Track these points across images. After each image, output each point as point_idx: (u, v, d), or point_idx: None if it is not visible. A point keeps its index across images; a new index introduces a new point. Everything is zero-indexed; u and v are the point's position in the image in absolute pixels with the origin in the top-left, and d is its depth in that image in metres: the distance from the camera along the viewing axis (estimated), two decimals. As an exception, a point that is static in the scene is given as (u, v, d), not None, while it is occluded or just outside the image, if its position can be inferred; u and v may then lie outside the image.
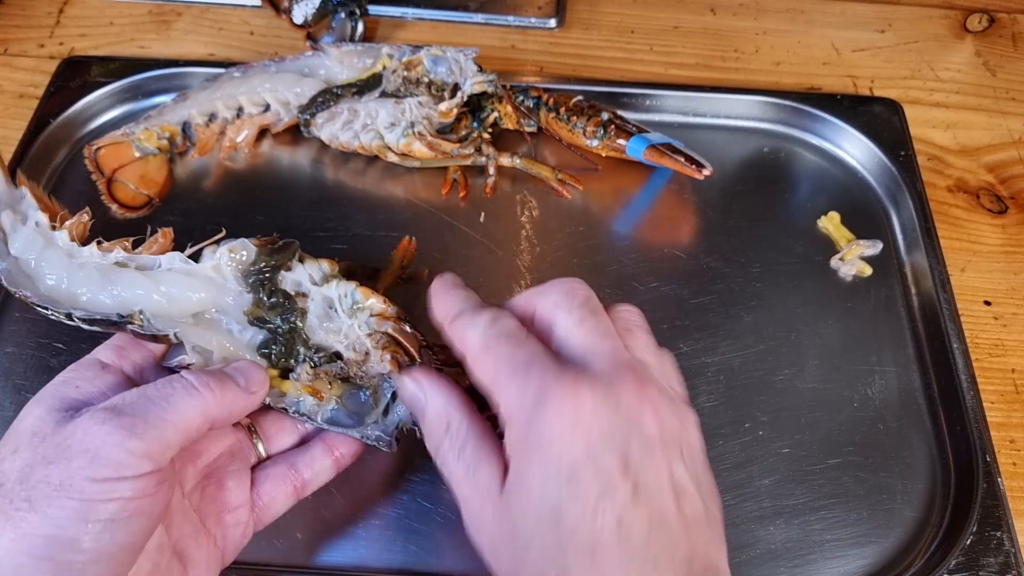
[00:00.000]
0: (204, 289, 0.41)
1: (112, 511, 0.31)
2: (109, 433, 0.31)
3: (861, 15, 0.76)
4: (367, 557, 0.45)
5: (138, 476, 0.31)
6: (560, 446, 0.31)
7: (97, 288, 0.41)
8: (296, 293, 0.42)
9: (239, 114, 0.62)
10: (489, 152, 0.61)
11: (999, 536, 0.46)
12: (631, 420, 0.32)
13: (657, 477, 0.32)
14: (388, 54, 0.61)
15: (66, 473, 0.31)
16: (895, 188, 0.62)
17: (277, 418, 0.42)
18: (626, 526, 0.31)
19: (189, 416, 0.34)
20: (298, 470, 0.40)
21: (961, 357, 0.52)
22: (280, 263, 0.42)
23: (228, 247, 0.42)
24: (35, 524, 0.30)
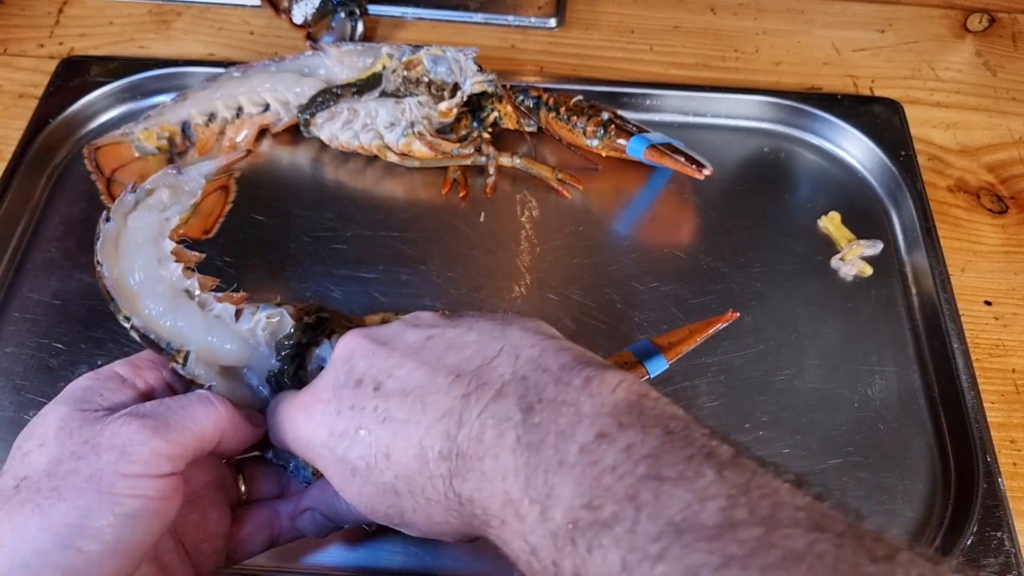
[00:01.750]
0: (236, 344, 0.42)
1: (135, 507, 0.32)
2: (136, 431, 0.33)
3: (861, 15, 0.76)
4: (367, 557, 0.45)
5: (161, 476, 0.33)
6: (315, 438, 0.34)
7: (163, 310, 0.42)
8: (318, 367, 0.43)
9: (239, 114, 0.61)
10: (489, 152, 0.61)
11: (999, 536, 0.46)
12: (343, 359, 0.35)
13: (388, 357, 0.34)
14: (388, 54, 0.61)
15: (95, 467, 0.32)
16: (895, 188, 0.62)
17: (262, 465, 0.43)
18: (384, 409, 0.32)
19: (203, 424, 0.35)
20: (280, 519, 0.41)
21: (961, 357, 0.52)
22: (312, 341, 0.43)
23: (266, 313, 0.43)
24: (62, 512, 0.31)
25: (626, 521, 0.25)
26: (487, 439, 0.29)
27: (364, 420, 0.33)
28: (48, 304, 0.54)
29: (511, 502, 0.28)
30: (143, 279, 0.43)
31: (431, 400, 0.31)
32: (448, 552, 0.45)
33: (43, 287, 0.55)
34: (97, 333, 0.52)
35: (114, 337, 0.52)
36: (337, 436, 0.33)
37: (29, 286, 0.55)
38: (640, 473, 0.25)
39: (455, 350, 0.33)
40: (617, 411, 0.28)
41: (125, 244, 0.44)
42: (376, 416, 0.32)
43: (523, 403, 0.29)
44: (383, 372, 0.33)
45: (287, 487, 0.43)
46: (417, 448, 0.31)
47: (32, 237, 0.57)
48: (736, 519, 0.24)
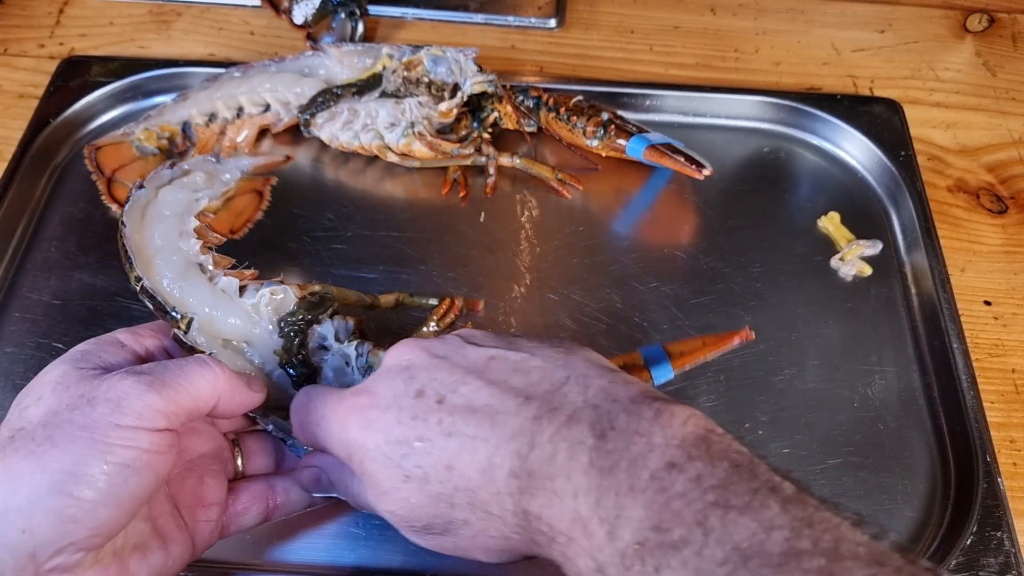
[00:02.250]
0: (240, 319, 0.43)
1: (129, 457, 0.33)
2: (132, 386, 0.34)
3: (861, 15, 0.76)
4: (367, 557, 0.45)
5: (154, 430, 0.34)
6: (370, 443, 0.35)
7: (173, 277, 0.44)
8: (320, 345, 0.45)
9: (239, 114, 0.62)
10: (489, 152, 0.61)
11: (999, 536, 0.46)
12: (403, 367, 0.36)
13: (451, 373, 0.35)
14: (388, 54, 0.61)
15: (90, 418, 0.33)
16: (895, 188, 0.62)
17: (260, 439, 0.44)
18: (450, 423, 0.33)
19: (199, 384, 0.36)
20: (275, 492, 0.42)
21: (961, 357, 0.52)
22: (315, 318, 0.45)
23: (270, 289, 0.44)
24: (56, 457, 0.32)
25: (694, 544, 0.26)
26: (559, 460, 0.31)
27: (426, 431, 0.34)
28: (48, 304, 0.54)
29: (580, 520, 0.30)
30: (161, 246, 0.45)
31: (501, 419, 0.32)
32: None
33: (43, 287, 0.55)
34: (97, 333, 0.51)
35: (114, 337, 0.52)
36: (394, 443, 0.34)
37: (29, 286, 0.55)
38: (708, 501, 0.27)
39: (521, 373, 0.34)
40: (686, 443, 0.29)
41: (152, 213, 0.46)
42: (440, 429, 0.33)
43: (596, 429, 0.31)
44: (446, 386, 0.35)
45: (282, 462, 0.44)
46: (485, 464, 0.32)
47: (32, 237, 0.57)
48: (800, 549, 0.25)
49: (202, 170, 0.49)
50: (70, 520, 0.31)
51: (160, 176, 0.48)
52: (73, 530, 0.31)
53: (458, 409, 0.34)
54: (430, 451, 0.33)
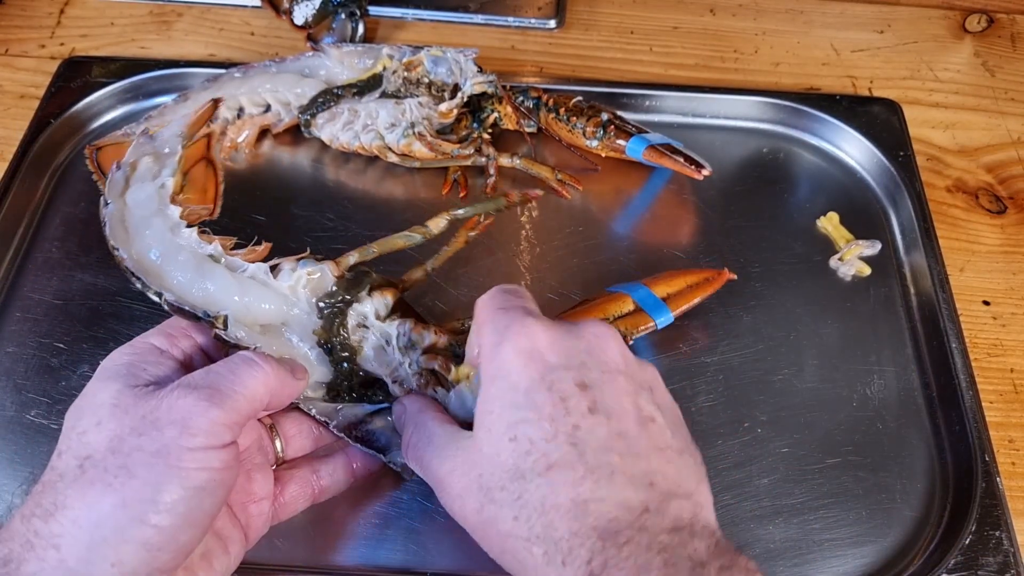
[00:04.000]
0: (275, 303, 0.42)
1: (203, 479, 0.33)
2: (194, 404, 0.33)
3: (860, 15, 0.77)
4: (367, 557, 0.45)
5: (223, 447, 0.34)
6: (516, 375, 0.34)
7: (191, 278, 0.42)
8: (359, 324, 0.44)
9: (240, 114, 0.62)
10: (489, 152, 0.61)
11: (998, 535, 0.46)
12: (592, 351, 0.35)
13: (618, 399, 0.34)
14: (388, 55, 0.61)
15: (160, 443, 0.32)
16: (894, 188, 0.62)
17: (296, 421, 0.44)
18: (581, 436, 0.32)
19: (253, 387, 0.36)
20: (320, 476, 0.42)
21: (960, 357, 0.52)
22: (354, 296, 0.44)
23: (307, 271, 0.43)
24: (135, 488, 0.32)
25: None
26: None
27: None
28: (49, 304, 0.54)
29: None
30: (163, 252, 0.43)
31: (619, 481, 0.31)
32: (448, 552, 0.45)
33: (44, 287, 0.55)
34: (99, 333, 0.52)
35: (116, 337, 0.52)
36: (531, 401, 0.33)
37: (30, 286, 0.55)
38: None
39: (661, 454, 0.33)
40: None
41: (132, 222, 0.45)
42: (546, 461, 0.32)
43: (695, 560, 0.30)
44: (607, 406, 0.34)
45: (320, 440, 0.44)
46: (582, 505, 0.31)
47: (33, 237, 0.57)
48: None
49: (144, 155, 0.47)
50: (155, 548, 0.32)
51: (116, 183, 0.46)
52: (157, 557, 0.32)
53: (597, 433, 0.32)
54: (548, 439, 0.32)
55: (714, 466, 0.48)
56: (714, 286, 0.52)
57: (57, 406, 0.49)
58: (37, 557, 0.31)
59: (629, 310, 0.50)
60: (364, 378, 0.45)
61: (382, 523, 0.46)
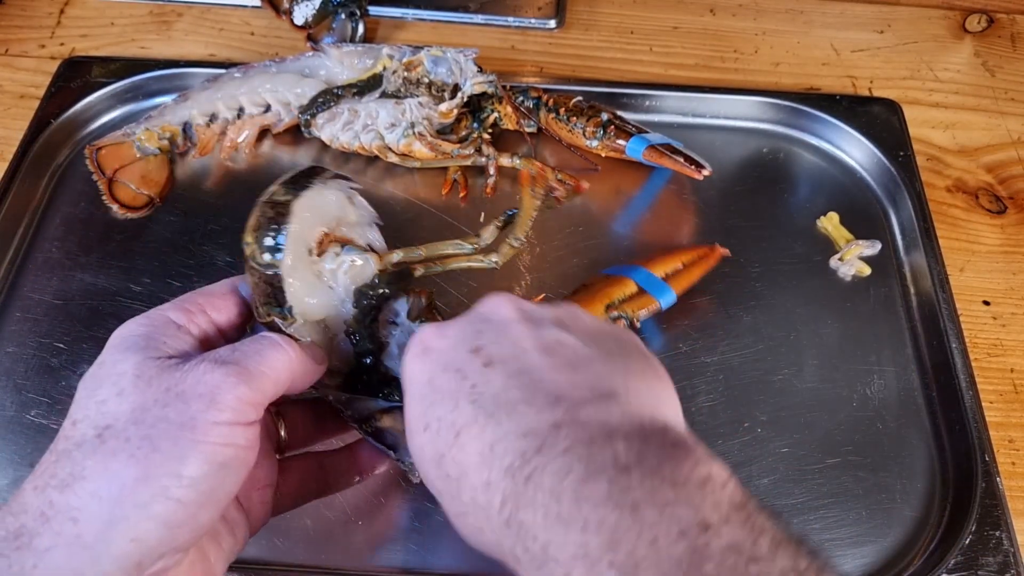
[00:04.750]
0: (320, 296, 0.41)
1: (228, 456, 0.31)
2: (222, 378, 0.32)
3: (860, 15, 0.77)
4: (367, 557, 0.45)
5: (248, 424, 0.32)
6: (417, 375, 0.34)
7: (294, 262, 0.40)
8: (390, 320, 0.43)
9: (240, 114, 0.62)
10: (489, 152, 0.61)
11: (998, 535, 0.46)
12: (485, 318, 0.35)
13: (515, 343, 0.33)
14: (388, 55, 0.61)
15: (186, 415, 0.31)
16: (894, 188, 0.62)
17: (300, 409, 0.43)
18: (480, 391, 0.31)
19: (278, 368, 0.35)
20: (324, 469, 0.42)
21: (960, 357, 0.53)
22: (393, 292, 0.43)
23: (352, 258, 0.42)
24: (159, 462, 0.30)
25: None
26: (569, 480, 0.27)
27: (459, 388, 0.32)
28: (49, 304, 0.54)
29: (587, 558, 0.26)
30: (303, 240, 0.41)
31: (521, 411, 0.30)
32: (448, 551, 0.45)
33: (44, 287, 0.55)
34: (99, 333, 0.52)
35: (115, 337, 0.52)
36: (431, 386, 0.33)
37: (30, 286, 0.55)
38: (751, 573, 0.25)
39: (571, 369, 0.32)
40: (721, 506, 0.26)
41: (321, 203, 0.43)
42: (470, 393, 0.31)
43: (620, 461, 0.27)
44: (501, 353, 0.33)
45: (326, 431, 0.43)
46: (485, 448, 0.30)
47: (34, 237, 0.57)
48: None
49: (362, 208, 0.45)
50: (175, 525, 0.30)
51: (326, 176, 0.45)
52: (178, 534, 0.30)
53: (494, 381, 0.31)
54: (451, 410, 0.31)
55: (714, 466, 0.48)
56: (710, 263, 0.53)
57: (57, 406, 0.49)
58: (52, 531, 0.29)
59: (632, 292, 0.50)
60: (383, 374, 0.43)
61: (382, 523, 0.46)
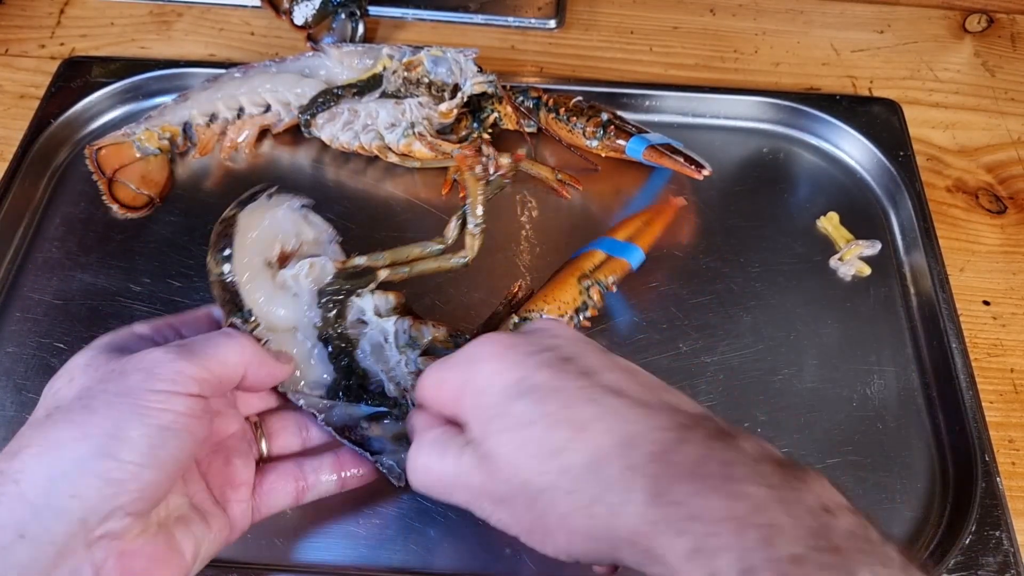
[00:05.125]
0: (287, 306, 0.43)
1: (167, 420, 0.33)
2: (162, 354, 0.35)
3: (860, 15, 0.77)
4: (367, 557, 0.45)
5: (188, 394, 0.35)
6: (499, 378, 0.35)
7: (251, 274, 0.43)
8: (358, 320, 0.45)
9: (240, 114, 0.62)
10: (489, 152, 0.61)
11: (998, 535, 0.46)
12: (553, 334, 0.37)
13: (599, 359, 0.35)
14: (388, 55, 0.61)
15: (124, 385, 0.34)
16: (894, 188, 0.62)
17: (281, 419, 0.44)
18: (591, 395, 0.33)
19: (227, 353, 0.37)
20: (303, 472, 0.42)
21: (960, 357, 0.52)
22: (353, 288, 0.44)
23: (309, 261, 0.44)
24: (96, 423, 0.33)
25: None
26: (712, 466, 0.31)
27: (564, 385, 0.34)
28: (49, 304, 0.54)
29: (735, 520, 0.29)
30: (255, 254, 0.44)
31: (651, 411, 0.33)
32: (448, 551, 0.45)
33: (44, 287, 0.55)
34: (99, 333, 0.51)
35: (115, 337, 0.52)
36: (524, 384, 0.34)
37: (30, 286, 0.55)
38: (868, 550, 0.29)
39: (669, 392, 0.35)
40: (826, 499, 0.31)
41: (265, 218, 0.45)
42: (581, 393, 0.33)
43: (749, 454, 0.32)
44: (594, 366, 0.35)
45: (309, 442, 0.44)
46: (625, 437, 0.32)
47: (33, 237, 0.57)
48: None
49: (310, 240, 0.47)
50: (116, 483, 0.32)
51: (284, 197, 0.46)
52: (119, 493, 0.32)
53: (604, 387, 0.33)
54: (565, 406, 0.33)
55: (714, 466, 0.48)
56: (668, 215, 0.55)
57: (57, 406, 0.49)
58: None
59: (601, 260, 0.51)
60: (364, 379, 0.44)
61: (382, 523, 0.46)
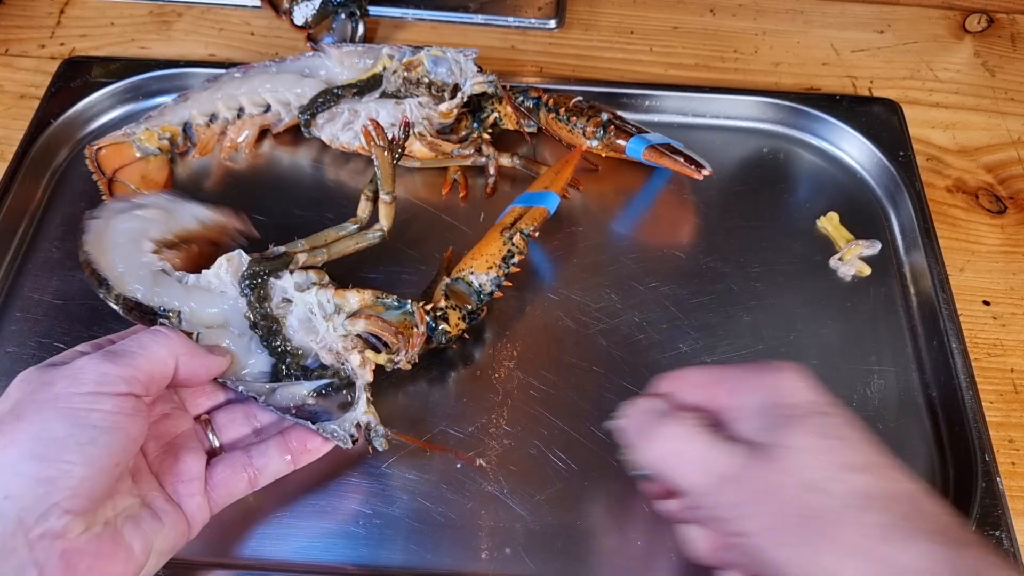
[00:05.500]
0: (217, 304, 0.46)
1: (94, 419, 0.35)
2: (86, 360, 0.37)
3: (860, 15, 0.77)
4: (367, 557, 0.45)
5: (116, 394, 0.36)
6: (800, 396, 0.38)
7: (147, 288, 0.47)
8: (282, 299, 0.47)
9: (240, 114, 0.62)
10: (489, 152, 0.61)
11: (998, 535, 0.46)
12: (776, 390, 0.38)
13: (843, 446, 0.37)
14: (388, 55, 0.61)
15: (51, 393, 0.35)
16: (894, 188, 0.62)
17: (229, 412, 0.46)
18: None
19: (155, 350, 0.39)
20: (251, 458, 0.43)
21: (960, 357, 0.52)
22: (269, 270, 0.46)
23: (226, 256, 0.47)
24: (23, 428, 0.34)
25: None
26: None
27: None
28: (49, 304, 0.54)
29: None
30: (126, 264, 0.48)
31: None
32: (448, 551, 0.45)
33: (44, 287, 0.55)
34: (98, 333, 0.52)
35: (115, 337, 0.52)
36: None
37: (31, 286, 0.55)
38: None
39: None
40: None
41: (108, 240, 0.49)
42: None
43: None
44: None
45: (260, 432, 0.45)
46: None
47: (34, 237, 0.58)
48: None
49: (158, 207, 0.51)
50: (47, 481, 0.33)
51: (116, 207, 0.51)
52: (51, 492, 0.33)
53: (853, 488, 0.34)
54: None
55: (714, 466, 0.48)
56: (575, 158, 0.55)
57: (57, 406, 0.49)
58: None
59: (520, 212, 0.53)
60: (299, 356, 0.46)
61: (382, 523, 0.46)
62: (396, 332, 0.46)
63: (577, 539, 0.46)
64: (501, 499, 0.47)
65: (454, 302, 0.50)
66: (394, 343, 0.46)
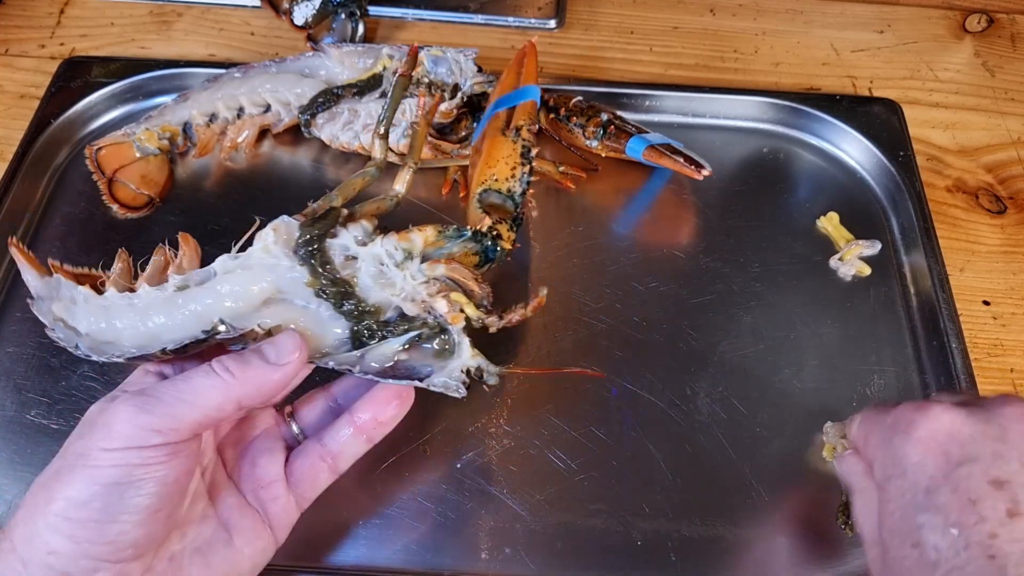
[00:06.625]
0: (262, 278, 0.41)
1: (117, 475, 0.34)
2: (125, 408, 0.35)
3: (860, 15, 0.77)
4: (367, 557, 0.45)
5: (144, 447, 0.35)
6: (913, 471, 0.31)
7: (172, 317, 0.41)
8: (346, 257, 0.43)
9: (240, 114, 0.62)
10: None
11: (997, 535, 0.46)
12: (1007, 436, 0.31)
13: None
14: (388, 55, 0.61)
15: (86, 446, 0.35)
16: (894, 188, 0.62)
17: (309, 401, 0.44)
18: (1000, 547, 0.29)
19: (205, 393, 0.36)
20: (325, 444, 0.42)
21: (960, 357, 0.53)
22: (324, 230, 0.42)
23: (272, 226, 0.42)
24: (57, 490, 0.34)
25: None
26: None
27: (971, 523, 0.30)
28: (50, 304, 0.54)
29: None
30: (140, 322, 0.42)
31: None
32: (448, 551, 0.45)
33: (45, 287, 0.55)
34: None
35: (115, 337, 0.52)
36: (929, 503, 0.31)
37: (31, 286, 0.55)
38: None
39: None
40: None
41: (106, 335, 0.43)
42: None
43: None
44: None
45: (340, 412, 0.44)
46: None
47: (34, 237, 0.57)
48: None
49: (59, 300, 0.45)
50: (83, 540, 0.33)
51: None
52: (88, 549, 0.33)
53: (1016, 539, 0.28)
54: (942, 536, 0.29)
55: (715, 467, 0.48)
56: (532, 50, 0.56)
57: (57, 406, 0.49)
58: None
59: (507, 113, 0.53)
60: (378, 313, 0.42)
61: (382, 523, 0.46)
62: (475, 277, 0.43)
63: (577, 539, 0.46)
64: (501, 499, 0.47)
65: (497, 216, 0.48)
66: (475, 291, 0.43)
